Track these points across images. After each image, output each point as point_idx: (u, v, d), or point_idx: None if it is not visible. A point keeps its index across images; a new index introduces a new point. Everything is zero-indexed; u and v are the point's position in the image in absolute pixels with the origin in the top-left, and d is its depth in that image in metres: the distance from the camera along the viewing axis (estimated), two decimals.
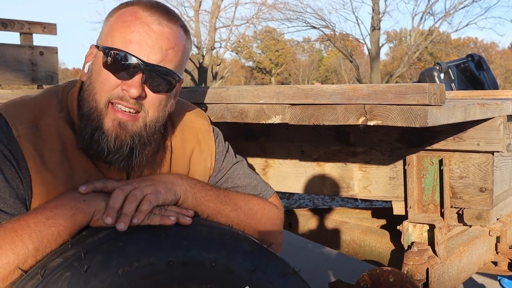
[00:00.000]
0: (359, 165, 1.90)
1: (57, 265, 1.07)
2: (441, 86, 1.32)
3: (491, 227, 1.96)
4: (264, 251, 1.25)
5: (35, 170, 1.19)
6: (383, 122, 1.32)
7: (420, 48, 26.80)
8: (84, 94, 1.24)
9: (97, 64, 1.24)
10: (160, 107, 1.26)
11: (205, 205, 1.31)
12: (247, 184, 1.48)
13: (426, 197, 1.75)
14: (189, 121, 1.43)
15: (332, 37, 27.05)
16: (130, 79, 1.20)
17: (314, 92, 1.43)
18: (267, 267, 1.22)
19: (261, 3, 26.68)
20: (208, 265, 1.15)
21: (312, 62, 38.12)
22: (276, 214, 1.47)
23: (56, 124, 1.24)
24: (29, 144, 1.20)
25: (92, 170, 1.25)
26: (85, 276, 1.05)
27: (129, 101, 1.21)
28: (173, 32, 1.24)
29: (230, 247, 1.20)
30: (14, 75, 3.62)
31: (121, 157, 1.22)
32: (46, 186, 1.20)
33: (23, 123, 1.21)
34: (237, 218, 1.36)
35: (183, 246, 1.15)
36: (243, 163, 1.52)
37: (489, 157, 1.67)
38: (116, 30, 1.22)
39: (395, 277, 1.58)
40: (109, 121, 1.21)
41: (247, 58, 38.29)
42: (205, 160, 1.43)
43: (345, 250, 2.19)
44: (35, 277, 1.06)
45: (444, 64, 5.12)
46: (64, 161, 1.23)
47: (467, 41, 36.75)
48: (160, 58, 1.22)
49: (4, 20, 3.66)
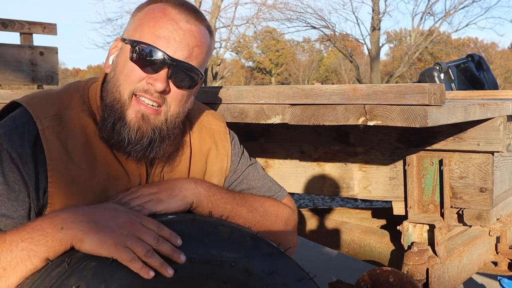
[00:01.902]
0: (359, 165, 1.90)
1: (83, 254, 1.07)
2: (441, 86, 1.32)
3: (491, 227, 1.96)
4: (282, 254, 1.26)
5: (59, 161, 1.20)
6: (383, 122, 1.32)
7: (420, 48, 26.79)
8: (108, 85, 1.26)
9: (123, 57, 1.25)
10: (181, 103, 1.28)
11: (222, 207, 1.33)
12: (261, 186, 1.49)
13: (426, 197, 1.75)
14: (207, 122, 1.45)
15: (332, 37, 27.05)
16: (155, 73, 1.22)
17: (314, 92, 1.43)
18: (284, 270, 1.23)
19: (261, 3, 26.68)
20: (228, 265, 1.16)
21: (312, 62, 38.13)
22: (290, 216, 1.48)
23: (79, 117, 1.26)
24: (53, 135, 1.21)
25: (114, 163, 1.27)
26: (110, 267, 1.05)
27: (153, 95, 1.22)
28: (199, 31, 1.27)
29: (250, 249, 1.21)
30: (14, 75, 3.63)
31: (140, 147, 1.23)
32: (70, 176, 1.20)
33: (47, 116, 1.22)
34: (254, 219, 1.38)
35: (205, 244, 1.16)
36: (257, 165, 1.53)
37: (489, 157, 1.67)
38: (145, 25, 1.24)
39: (395, 277, 1.58)
40: (132, 113, 1.22)
41: (247, 58, 38.31)
42: (221, 161, 1.44)
43: (345, 250, 2.19)
44: (61, 265, 1.06)
45: (444, 64, 5.13)
46: (88, 153, 1.24)
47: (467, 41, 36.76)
48: (187, 55, 1.24)
49: (4, 20, 3.66)
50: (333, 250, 2.30)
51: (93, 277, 1.04)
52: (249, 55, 37.34)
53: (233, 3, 26.28)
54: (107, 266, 1.05)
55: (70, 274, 1.04)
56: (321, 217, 2.34)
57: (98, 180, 1.24)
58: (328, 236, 2.27)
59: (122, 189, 1.27)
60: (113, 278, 1.05)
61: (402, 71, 26.87)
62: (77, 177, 1.21)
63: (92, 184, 1.23)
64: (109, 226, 1.10)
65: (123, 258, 1.06)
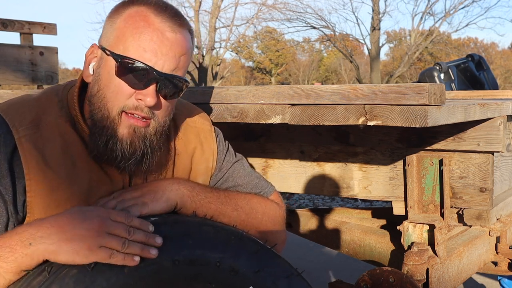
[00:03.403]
0: (359, 165, 1.90)
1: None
2: (441, 86, 1.32)
3: (491, 227, 1.96)
4: (268, 252, 1.25)
5: (37, 169, 1.17)
6: (383, 122, 1.32)
7: (420, 48, 26.79)
8: (93, 99, 1.23)
9: (105, 70, 1.22)
10: (167, 112, 1.27)
11: (206, 207, 1.32)
12: (247, 183, 1.48)
13: (426, 197, 1.75)
14: (191, 121, 1.44)
15: (332, 37, 27.05)
16: (144, 89, 1.19)
17: (314, 92, 1.43)
18: (271, 268, 1.22)
19: (261, 3, 26.68)
20: (213, 265, 1.16)
21: (312, 62, 38.13)
22: (278, 212, 1.47)
23: (57, 123, 1.23)
24: (30, 144, 1.18)
25: (94, 168, 1.25)
26: (91, 273, 1.05)
27: (143, 110, 1.20)
28: (184, 38, 1.24)
29: (235, 248, 1.20)
30: (14, 75, 3.62)
31: (134, 161, 1.22)
32: (48, 184, 1.18)
33: (23, 124, 1.20)
34: (239, 218, 1.36)
35: (189, 245, 1.15)
36: (243, 162, 1.52)
37: (489, 157, 1.67)
38: (128, 36, 1.20)
39: (395, 277, 1.58)
40: (124, 128, 1.20)
41: (247, 58, 38.31)
42: (207, 160, 1.43)
43: (345, 250, 2.19)
44: (41, 274, 1.05)
45: (444, 64, 5.13)
46: (67, 159, 1.21)
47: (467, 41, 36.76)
48: (174, 66, 1.22)
49: (4, 20, 3.66)
50: (333, 250, 2.30)
51: (74, 285, 1.03)
52: (249, 55, 37.34)
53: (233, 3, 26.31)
54: (88, 273, 1.04)
55: (51, 283, 1.03)
56: (321, 217, 2.34)
57: (79, 187, 1.22)
58: (328, 236, 2.27)
59: (105, 194, 1.25)
60: (95, 284, 1.04)
61: (402, 71, 26.88)
62: (57, 185, 1.19)
63: (73, 191, 1.21)
64: (78, 232, 1.07)
65: (103, 258, 1.06)
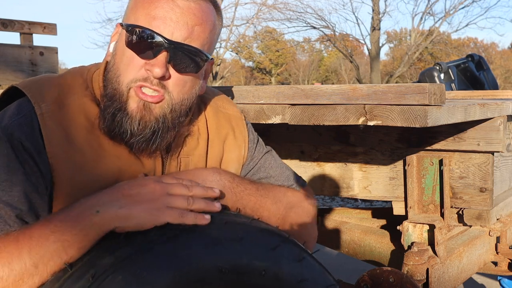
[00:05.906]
0: (359, 165, 1.90)
1: (106, 265, 0.97)
2: (441, 86, 1.32)
3: (491, 227, 1.95)
4: (311, 259, 1.18)
5: (60, 149, 1.10)
6: (383, 122, 1.33)
7: (420, 48, 26.80)
8: (109, 74, 1.17)
9: (121, 43, 1.16)
10: (185, 89, 1.17)
11: (246, 199, 1.23)
12: (279, 174, 1.39)
13: (426, 197, 1.75)
14: (222, 107, 1.36)
15: (332, 37, 27.05)
16: (153, 58, 1.12)
17: (314, 92, 1.43)
18: (313, 277, 1.15)
19: (261, 3, 26.67)
20: (258, 274, 1.07)
21: (312, 62, 38.12)
22: (312, 207, 1.38)
23: (82, 103, 1.17)
24: (53, 122, 1.12)
25: (124, 151, 1.17)
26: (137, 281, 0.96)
27: (152, 82, 1.12)
28: (200, 8, 1.15)
29: (282, 254, 1.11)
30: (14, 75, 3.62)
31: (143, 139, 1.14)
32: (73, 165, 1.11)
33: (46, 101, 1.14)
34: (278, 212, 1.28)
35: (236, 251, 1.06)
36: (273, 153, 1.44)
37: (489, 157, 1.67)
38: (139, 6, 1.14)
39: (395, 277, 1.58)
40: (134, 103, 1.13)
41: (247, 58, 38.30)
42: (239, 147, 1.34)
43: (345, 250, 2.19)
44: (83, 278, 0.96)
45: (444, 64, 5.12)
46: (92, 140, 1.14)
47: (467, 41, 36.75)
48: (186, 35, 1.13)
49: (4, 20, 3.66)
50: (333, 250, 2.29)
51: None
52: (249, 55, 37.33)
53: (233, 3, 26.29)
54: (135, 280, 0.95)
55: None
56: (321, 217, 2.34)
57: (107, 168, 1.14)
58: (328, 236, 2.27)
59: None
60: None
61: (402, 71, 26.88)
62: (81, 165, 1.11)
63: (100, 173, 1.13)
64: (143, 195, 1.04)
65: (173, 217, 1.02)
